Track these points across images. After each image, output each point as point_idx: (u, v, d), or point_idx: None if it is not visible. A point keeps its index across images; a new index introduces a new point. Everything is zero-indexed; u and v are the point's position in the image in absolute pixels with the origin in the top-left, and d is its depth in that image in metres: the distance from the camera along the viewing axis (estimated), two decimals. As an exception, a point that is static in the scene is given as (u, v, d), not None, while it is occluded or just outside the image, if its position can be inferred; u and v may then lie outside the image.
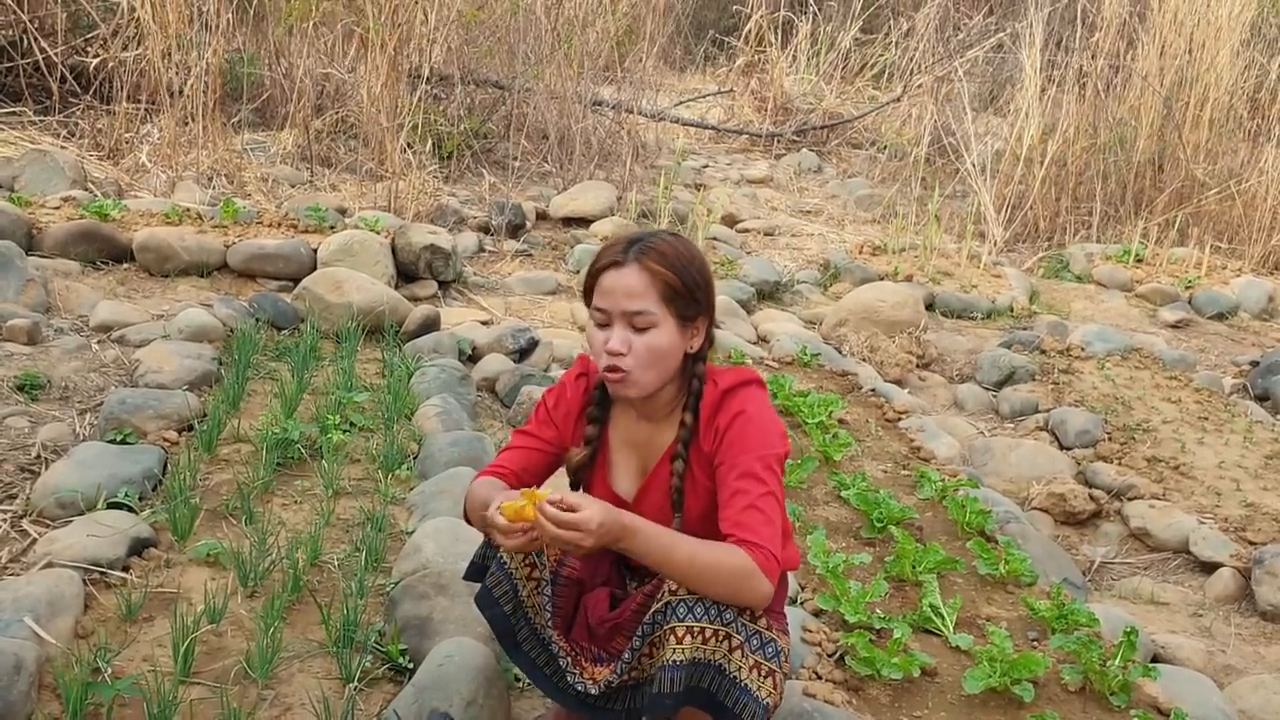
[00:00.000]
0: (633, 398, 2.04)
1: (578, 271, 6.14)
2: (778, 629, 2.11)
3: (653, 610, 1.89)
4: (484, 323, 5.19)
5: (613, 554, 2.26)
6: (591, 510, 1.77)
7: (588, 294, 2.04)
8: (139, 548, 2.81)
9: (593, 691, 1.99)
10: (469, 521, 2.10)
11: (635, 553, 1.84)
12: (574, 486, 2.22)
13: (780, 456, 1.99)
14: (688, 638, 1.86)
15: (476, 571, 2.17)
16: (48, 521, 2.94)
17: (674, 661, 1.85)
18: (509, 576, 2.08)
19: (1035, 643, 2.86)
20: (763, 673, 1.89)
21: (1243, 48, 8.30)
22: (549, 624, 2.08)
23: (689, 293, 1.99)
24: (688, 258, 2.01)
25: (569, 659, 2.06)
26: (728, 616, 1.87)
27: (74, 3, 7.13)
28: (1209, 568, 3.68)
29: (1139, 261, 7.38)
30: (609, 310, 1.98)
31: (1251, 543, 3.75)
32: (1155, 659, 3.04)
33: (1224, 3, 8.07)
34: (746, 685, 1.88)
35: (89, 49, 6.98)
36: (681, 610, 1.86)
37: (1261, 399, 5.27)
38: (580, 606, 2.19)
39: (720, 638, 1.87)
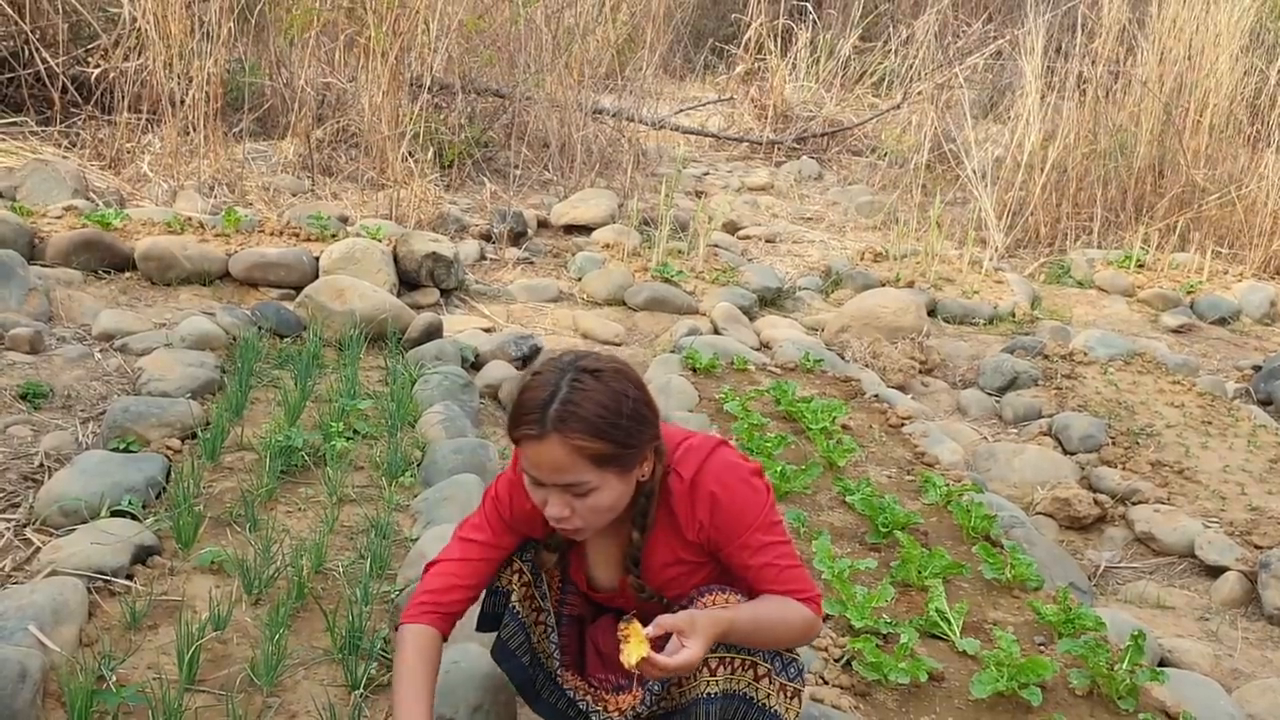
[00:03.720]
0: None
1: (579, 279, 6.14)
2: None
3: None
4: (486, 330, 5.19)
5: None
6: (694, 650, 1.75)
7: (517, 444, 1.83)
8: (143, 555, 2.80)
9: None
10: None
11: (729, 642, 1.87)
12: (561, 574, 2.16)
13: (771, 505, 1.96)
14: (720, 669, 1.87)
15: (489, 621, 2.13)
16: (51, 530, 2.93)
17: (709, 694, 1.87)
18: (522, 626, 2.06)
19: (1042, 647, 2.85)
20: (789, 694, 1.91)
21: (1242, 53, 8.30)
22: (559, 667, 2.06)
23: (622, 447, 1.79)
24: (614, 410, 1.78)
25: (589, 697, 2.04)
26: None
27: (75, 13, 7.14)
28: (1215, 571, 3.67)
29: (1140, 267, 7.38)
30: (540, 479, 1.81)
31: (1257, 546, 3.74)
32: (1162, 663, 3.03)
33: (1223, 9, 8.09)
34: (775, 711, 1.89)
35: (90, 59, 6.99)
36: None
37: (1265, 403, 5.26)
38: (587, 638, 2.18)
39: (746, 666, 1.89)
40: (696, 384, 4.53)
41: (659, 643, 1.78)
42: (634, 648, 1.75)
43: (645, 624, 1.82)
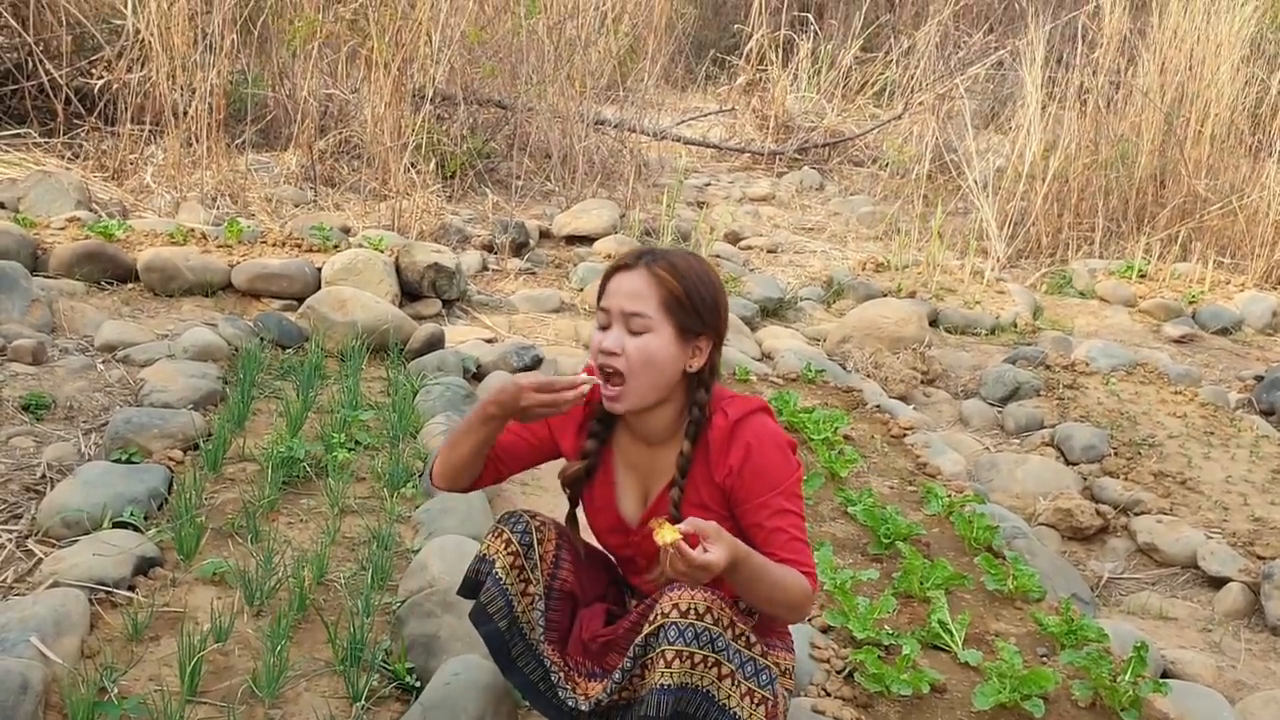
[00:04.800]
0: (624, 411, 2.04)
1: (581, 289, 6.15)
2: (782, 649, 2.09)
3: (645, 632, 1.88)
4: (488, 340, 5.19)
5: (610, 570, 2.26)
6: (716, 554, 1.76)
7: (598, 297, 2.06)
8: (145, 567, 2.80)
9: (583, 708, 1.99)
10: (434, 479, 2.16)
11: (731, 581, 1.85)
12: (571, 501, 2.22)
13: (798, 480, 2.02)
14: (676, 662, 1.84)
15: (471, 587, 2.15)
16: (53, 541, 2.93)
17: (662, 685, 1.84)
18: (504, 592, 2.07)
19: (1045, 658, 2.85)
20: (755, 700, 1.86)
21: (1243, 64, 8.31)
22: (542, 639, 2.07)
23: (691, 305, 1.99)
24: (699, 274, 2.01)
25: (561, 674, 2.06)
26: (719, 644, 1.86)
27: (79, 25, 7.17)
28: (1217, 582, 3.67)
29: (1142, 277, 7.39)
30: (610, 310, 2.01)
31: (1260, 557, 3.73)
32: (1165, 674, 3.02)
33: (1224, 19, 8.10)
34: (736, 714, 1.85)
35: (94, 71, 7.02)
36: (673, 634, 1.85)
37: (1267, 413, 5.25)
38: (576, 620, 2.18)
39: (709, 664, 1.85)
40: (698, 394, 4.53)
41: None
42: (667, 531, 1.78)
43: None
